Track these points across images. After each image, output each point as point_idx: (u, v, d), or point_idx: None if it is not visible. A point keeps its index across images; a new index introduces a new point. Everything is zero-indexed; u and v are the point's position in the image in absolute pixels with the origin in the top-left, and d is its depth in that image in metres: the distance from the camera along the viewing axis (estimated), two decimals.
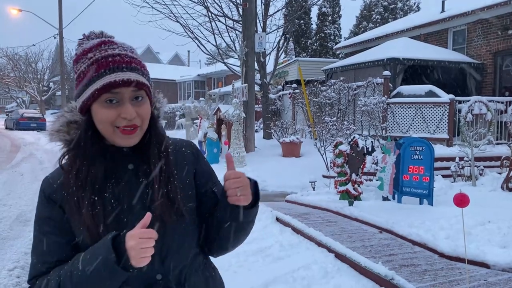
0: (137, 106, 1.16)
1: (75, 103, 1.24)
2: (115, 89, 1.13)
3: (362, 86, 12.20)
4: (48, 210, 1.20)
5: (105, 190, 1.18)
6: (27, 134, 22.19)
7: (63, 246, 1.18)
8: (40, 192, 1.23)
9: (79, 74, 1.17)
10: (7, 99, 50.86)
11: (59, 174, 1.22)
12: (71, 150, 1.21)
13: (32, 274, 1.21)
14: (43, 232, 1.20)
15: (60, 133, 1.23)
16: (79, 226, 1.16)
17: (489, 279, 3.89)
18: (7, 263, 4.64)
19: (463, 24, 13.52)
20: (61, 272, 1.14)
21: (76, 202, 1.15)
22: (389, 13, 31.24)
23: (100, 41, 1.18)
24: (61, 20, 31.01)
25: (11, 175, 10.35)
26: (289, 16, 18.59)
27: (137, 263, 1.06)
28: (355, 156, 6.98)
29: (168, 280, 1.22)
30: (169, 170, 1.23)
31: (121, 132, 1.16)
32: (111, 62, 1.13)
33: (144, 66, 1.21)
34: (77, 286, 1.10)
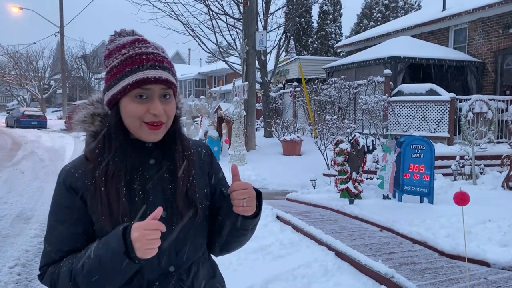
0: (165, 104, 1.20)
1: (96, 97, 1.29)
2: (147, 85, 1.17)
3: (363, 85, 12.19)
4: (68, 199, 1.21)
5: (132, 181, 1.21)
6: (28, 132, 22.20)
7: (78, 236, 1.20)
8: (60, 181, 1.23)
9: (111, 68, 1.21)
10: (8, 97, 50.87)
11: (81, 164, 1.23)
12: (99, 141, 1.23)
13: (44, 261, 1.23)
14: (60, 221, 1.21)
15: (85, 123, 1.26)
16: (101, 216, 1.17)
17: (489, 278, 3.89)
18: (8, 261, 4.66)
19: (464, 23, 13.49)
20: (73, 260, 1.16)
21: (103, 192, 1.17)
22: (390, 11, 31.20)
23: (134, 39, 1.22)
24: (62, 18, 31.01)
25: (12, 173, 10.36)
26: (290, 14, 18.57)
27: (142, 254, 1.07)
28: (356, 154, 6.98)
29: (180, 272, 1.25)
30: (191, 168, 1.28)
31: (148, 127, 1.19)
32: (144, 59, 1.18)
33: (173, 66, 1.25)
34: (88, 275, 1.12)
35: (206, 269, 1.34)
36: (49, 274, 1.19)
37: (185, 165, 1.27)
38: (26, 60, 40.33)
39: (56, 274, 1.17)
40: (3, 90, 47.05)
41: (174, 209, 1.22)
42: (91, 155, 1.22)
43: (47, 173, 10.50)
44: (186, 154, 1.29)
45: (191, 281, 1.27)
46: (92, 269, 1.11)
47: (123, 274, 1.12)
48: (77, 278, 1.13)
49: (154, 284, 1.22)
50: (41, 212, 6.77)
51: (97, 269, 1.11)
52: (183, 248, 1.25)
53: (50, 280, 1.19)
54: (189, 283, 1.27)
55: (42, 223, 6.17)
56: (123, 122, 1.21)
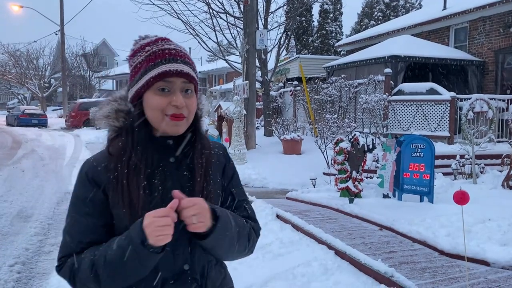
0: (186, 98, 1.24)
1: (120, 94, 1.33)
2: (169, 78, 1.21)
3: (363, 84, 12.18)
4: (89, 192, 1.23)
5: (152, 176, 1.23)
6: (28, 131, 22.19)
7: (99, 228, 1.22)
8: (82, 174, 1.26)
9: (136, 66, 1.27)
10: (8, 95, 50.85)
11: (104, 158, 1.26)
12: (123, 136, 1.26)
13: (63, 252, 1.24)
14: (81, 213, 1.23)
15: (109, 119, 1.29)
16: (122, 208, 1.20)
17: (488, 277, 3.89)
18: (8, 259, 4.66)
19: (464, 22, 13.48)
20: (95, 252, 1.18)
21: (124, 184, 1.20)
22: (390, 10, 31.16)
23: (157, 38, 1.28)
24: (62, 17, 30.99)
25: (12, 171, 10.37)
26: (290, 13, 18.55)
27: (154, 241, 1.09)
28: (356, 153, 6.98)
29: (194, 271, 1.26)
30: (209, 168, 1.31)
31: (170, 118, 1.22)
32: (167, 53, 1.23)
33: (194, 64, 1.31)
34: (109, 266, 1.14)
35: (218, 270, 1.35)
36: (68, 266, 1.21)
37: (204, 164, 1.30)
38: (26, 59, 40.31)
39: (76, 266, 1.18)
40: (4, 89, 47.03)
41: None
42: (114, 150, 1.25)
43: (47, 171, 10.50)
44: (205, 153, 1.32)
45: (204, 281, 1.29)
46: (113, 260, 1.14)
47: (142, 265, 1.14)
48: (98, 269, 1.15)
49: (169, 282, 1.23)
50: (41, 211, 6.77)
51: (118, 261, 1.13)
52: (197, 248, 1.26)
53: (70, 272, 1.20)
54: (202, 283, 1.28)
55: (42, 221, 6.18)
56: (146, 117, 1.25)
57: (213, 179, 1.32)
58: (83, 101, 26.36)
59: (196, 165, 1.28)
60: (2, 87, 46.44)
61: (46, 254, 4.90)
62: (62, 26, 31.15)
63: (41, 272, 4.39)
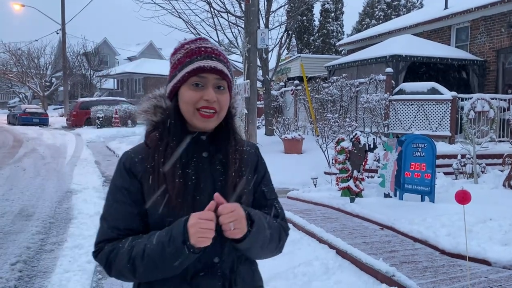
0: (218, 94, 1.30)
1: (159, 92, 1.39)
2: (202, 73, 1.28)
3: (365, 83, 12.17)
4: (126, 181, 1.29)
5: (187, 167, 1.30)
6: (30, 129, 22.21)
7: (134, 216, 1.28)
8: (120, 164, 1.32)
9: (174, 63, 1.34)
10: (9, 94, 50.85)
11: (142, 150, 1.33)
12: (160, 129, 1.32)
13: (99, 237, 1.30)
14: (117, 201, 1.30)
15: (148, 114, 1.35)
16: (157, 196, 1.25)
17: (490, 276, 3.89)
18: (10, 258, 4.67)
19: (466, 21, 13.46)
20: (133, 243, 1.23)
21: (161, 173, 1.25)
22: (392, 10, 31.13)
23: (197, 38, 1.37)
24: (63, 16, 30.99)
25: (13, 170, 10.38)
26: (291, 12, 18.54)
27: (195, 242, 1.15)
28: (357, 153, 6.98)
29: (223, 265, 1.30)
30: (241, 164, 1.36)
31: (200, 115, 1.28)
32: (203, 51, 1.30)
33: (229, 63, 1.37)
34: (148, 258, 1.19)
35: (247, 266, 1.38)
36: (106, 253, 1.26)
37: (237, 161, 1.35)
38: (27, 58, 40.31)
39: (114, 254, 1.24)
40: (5, 88, 47.04)
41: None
42: (151, 142, 1.31)
43: (49, 170, 10.51)
44: (238, 150, 1.37)
45: (234, 276, 1.32)
46: (152, 254, 1.18)
47: (180, 263, 1.19)
48: (136, 260, 1.20)
49: (200, 274, 1.27)
50: (43, 209, 6.78)
51: (157, 255, 1.18)
52: (227, 241, 1.28)
53: (107, 258, 1.25)
54: (231, 277, 1.31)
55: (43, 220, 6.19)
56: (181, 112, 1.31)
57: (245, 176, 1.36)
58: (84, 100, 26.35)
59: (230, 161, 1.33)
60: (3, 86, 46.46)
61: (48, 253, 4.91)
62: (64, 25, 31.15)
63: (43, 271, 4.39)
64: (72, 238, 5.30)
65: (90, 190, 8.11)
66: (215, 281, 1.28)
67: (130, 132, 19.54)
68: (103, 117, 22.69)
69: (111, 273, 1.26)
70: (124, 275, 1.25)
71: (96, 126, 22.39)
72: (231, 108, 1.39)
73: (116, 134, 18.96)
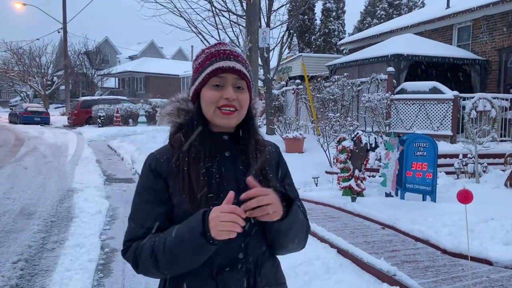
0: (237, 93, 1.34)
1: (182, 95, 1.44)
2: (222, 74, 1.33)
3: (366, 82, 12.15)
4: (152, 182, 1.34)
5: (211, 166, 1.33)
6: (31, 128, 22.24)
7: (160, 215, 1.32)
8: (146, 166, 1.37)
9: (196, 67, 1.40)
10: (11, 93, 50.93)
11: (166, 151, 1.38)
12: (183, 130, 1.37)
13: (128, 237, 1.35)
14: (144, 201, 1.34)
15: (172, 116, 1.41)
16: (182, 194, 1.29)
17: (491, 276, 3.89)
18: (11, 256, 4.67)
19: (468, 21, 13.43)
20: (156, 238, 1.27)
21: (185, 171, 1.30)
22: (393, 9, 31.08)
23: (217, 42, 1.42)
24: (65, 14, 31.02)
25: (15, 168, 10.39)
26: (293, 11, 18.52)
27: (216, 234, 1.16)
28: (358, 152, 6.97)
29: (248, 260, 1.33)
30: (264, 164, 1.39)
31: (221, 113, 1.33)
32: (222, 53, 1.36)
33: (248, 63, 1.41)
34: (168, 252, 1.23)
35: (271, 263, 1.40)
36: (132, 250, 1.30)
37: (259, 159, 1.38)
38: (29, 56, 40.35)
39: (139, 250, 1.28)
40: (6, 86, 47.10)
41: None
42: (176, 142, 1.36)
43: (50, 169, 10.52)
44: (259, 150, 1.40)
45: (258, 272, 1.34)
46: (172, 246, 1.22)
47: (199, 254, 1.21)
48: (158, 254, 1.24)
49: (225, 269, 1.30)
50: (44, 208, 6.79)
51: (176, 247, 1.21)
52: (252, 237, 1.32)
53: (134, 255, 1.29)
54: (256, 273, 1.34)
55: (45, 218, 6.19)
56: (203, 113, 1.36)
57: (267, 175, 1.39)
58: (86, 99, 26.37)
59: (252, 161, 1.37)
60: (5, 84, 46.52)
61: (49, 251, 4.91)
62: (65, 24, 31.17)
63: (44, 269, 4.40)
64: (74, 237, 5.30)
65: (91, 189, 8.12)
66: (240, 276, 1.31)
67: (131, 131, 19.54)
68: (104, 116, 22.70)
69: (138, 270, 1.30)
70: (149, 270, 1.28)
71: (98, 125, 22.41)
72: (252, 108, 1.43)
73: (118, 133, 18.98)
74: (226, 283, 1.29)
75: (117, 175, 10.00)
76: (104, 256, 4.83)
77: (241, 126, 1.39)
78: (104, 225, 5.98)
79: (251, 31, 12.90)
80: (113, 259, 4.76)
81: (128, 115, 23.69)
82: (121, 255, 1.38)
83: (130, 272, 4.36)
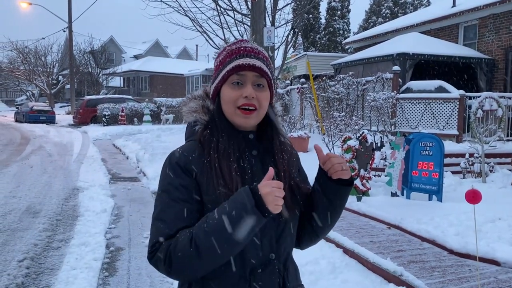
0: (257, 91, 1.32)
1: (198, 92, 1.43)
2: (241, 71, 1.30)
3: (371, 81, 12.11)
4: (182, 179, 1.29)
5: (242, 161, 1.32)
6: (37, 127, 22.34)
7: (193, 213, 1.27)
8: (173, 164, 1.31)
9: (217, 65, 1.38)
10: (17, 92, 51.19)
11: (194, 148, 1.33)
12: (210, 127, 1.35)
13: (156, 238, 1.25)
14: (175, 199, 1.27)
15: (198, 113, 1.38)
16: (217, 190, 1.25)
17: (499, 277, 3.85)
18: (17, 255, 4.69)
19: (474, 19, 13.35)
20: (191, 230, 1.20)
21: (217, 167, 1.27)
22: (398, 7, 30.96)
23: (238, 40, 1.39)
24: (70, 14, 31.13)
25: (20, 167, 10.43)
26: (298, 10, 18.48)
27: (273, 208, 1.15)
28: (364, 151, 6.94)
29: (279, 261, 1.31)
30: (291, 164, 1.40)
31: (241, 112, 1.31)
32: (242, 50, 1.33)
33: (269, 61, 1.38)
34: (213, 233, 1.16)
35: (294, 264, 1.42)
36: (163, 249, 1.21)
37: (285, 159, 1.38)
38: (35, 56, 40.54)
39: (173, 246, 1.20)
40: (12, 85, 47.37)
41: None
42: (205, 140, 1.33)
43: (55, 167, 10.56)
44: (285, 149, 1.40)
45: (286, 273, 1.34)
46: (217, 227, 1.15)
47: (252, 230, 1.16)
48: (198, 241, 1.16)
49: (257, 271, 1.27)
50: (49, 207, 6.81)
51: (222, 226, 1.15)
52: (282, 237, 1.31)
53: (166, 254, 1.20)
54: (284, 275, 1.33)
55: (50, 217, 6.21)
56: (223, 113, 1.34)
57: (296, 175, 1.41)
58: (91, 98, 26.44)
59: (278, 161, 1.36)
60: (10, 83, 46.79)
61: (55, 250, 4.92)
62: (70, 23, 31.28)
63: (50, 268, 4.41)
64: (79, 236, 5.31)
65: (96, 188, 8.13)
66: (274, 277, 1.29)
67: (136, 130, 19.58)
68: (109, 115, 22.76)
69: (171, 269, 1.20)
70: (187, 266, 1.19)
71: (103, 124, 22.47)
72: (273, 108, 1.41)
73: (123, 132, 19.03)
74: (260, 284, 1.26)
75: (122, 174, 10.02)
76: (110, 255, 4.83)
77: (264, 126, 1.38)
78: (109, 223, 5.99)
79: (256, 30, 12.88)
80: (118, 258, 4.76)
81: (133, 114, 23.73)
82: (148, 261, 1.27)
83: (136, 271, 4.36)
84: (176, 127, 19.75)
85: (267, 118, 1.38)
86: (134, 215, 6.49)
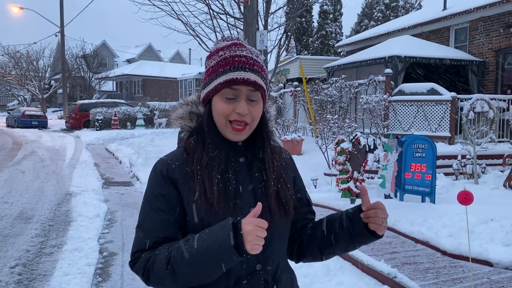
0: (251, 105, 1.27)
1: (191, 98, 1.39)
2: (235, 85, 1.25)
3: (364, 84, 12.16)
4: (164, 188, 1.26)
5: (226, 171, 1.27)
6: (29, 132, 22.19)
7: (171, 224, 1.25)
8: (156, 172, 1.29)
9: (209, 69, 1.32)
10: (8, 97, 50.82)
11: (178, 156, 1.31)
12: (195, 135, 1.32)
13: (136, 247, 1.27)
14: (155, 209, 1.26)
15: (184, 120, 1.35)
16: (198, 201, 1.23)
17: (492, 277, 3.87)
18: (9, 261, 4.64)
19: (465, 22, 13.47)
20: (170, 248, 1.19)
21: (198, 179, 1.24)
22: (390, 11, 31.18)
23: (232, 43, 1.31)
24: (62, 18, 30.99)
25: (12, 173, 10.35)
26: (290, 14, 18.54)
27: (251, 248, 1.10)
28: (357, 153, 6.96)
29: (266, 272, 1.29)
30: (280, 170, 1.36)
31: (232, 128, 1.27)
32: (237, 61, 1.26)
33: (265, 70, 1.33)
34: (189, 263, 1.15)
35: (288, 275, 1.38)
36: (142, 262, 1.22)
37: (275, 166, 1.34)
38: (26, 60, 40.29)
39: (151, 262, 1.20)
40: (4, 90, 46.96)
41: (265, 208, 1.23)
42: (189, 148, 1.30)
43: (48, 173, 10.48)
44: (275, 156, 1.36)
45: (276, 284, 1.31)
46: (195, 257, 1.14)
47: (226, 266, 1.14)
48: (175, 265, 1.16)
49: (242, 282, 1.25)
50: (42, 212, 6.76)
51: (200, 259, 1.14)
52: (269, 247, 1.26)
53: (144, 267, 1.21)
54: (273, 285, 1.30)
55: (42, 223, 6.16)
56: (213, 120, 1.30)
57: (286, 183, 1.35)
58: (83, 102, 26.33)
59: (268, 169, 1.32)
60: (2, 88, 46.39)
61: (47, 256, 4.88)
62: (62, 27, 31.15)
63: (42, 274, 4.37)
64: (72, 241, 5.28)
65: (89, 193, 8.09)
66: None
67: (129, 134, 19.51)
68: (102, 119, 22.67)
69: (149, 282, 1.22)
70: (163, 283, 1.20)
71: (95, 128, 22.37)
72: (265, 112, 1.37)
73: (116, 136, 18.95)
74: None
75: (115, 179, 9.97)
76: (103, 260, 4.80)
77: (255, 131, 1.33)
78: (103, 228, 5.95)
79: (249, 33, 12.91)
80: (112, 263, 4.73)
81: (126, 118, 23.65)
82: (129, 267, 1.29)
83: (129, 276, 4.33)
84: (170, 131, 19.70)
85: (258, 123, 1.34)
86: (128, 220, 6.45)
